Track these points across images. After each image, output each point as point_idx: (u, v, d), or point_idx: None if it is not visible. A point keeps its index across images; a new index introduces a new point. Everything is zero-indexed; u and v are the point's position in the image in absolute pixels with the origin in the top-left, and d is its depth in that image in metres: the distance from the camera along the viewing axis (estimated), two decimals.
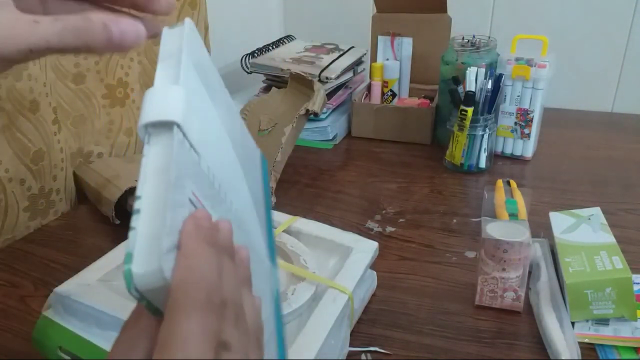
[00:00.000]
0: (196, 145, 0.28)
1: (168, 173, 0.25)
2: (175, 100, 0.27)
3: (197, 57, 0.32)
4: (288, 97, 0.97)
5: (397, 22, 1.10)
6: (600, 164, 0.97)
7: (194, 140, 0.27)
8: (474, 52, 0.95)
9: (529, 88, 0.93)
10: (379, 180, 0.93)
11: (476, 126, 0.91)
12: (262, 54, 1.15)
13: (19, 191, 0.76)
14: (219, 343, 0.25)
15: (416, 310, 0.62)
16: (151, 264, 0.23)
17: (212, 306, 0.24)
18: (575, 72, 1.26)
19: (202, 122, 0.30)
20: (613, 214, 0.78)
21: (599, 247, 0.61)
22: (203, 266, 0.25)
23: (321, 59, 1.12)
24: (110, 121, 0.91)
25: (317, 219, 0.67)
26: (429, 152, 1.03)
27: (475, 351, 0.55)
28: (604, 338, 0.56)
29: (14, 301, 0.65)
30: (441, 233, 0.77)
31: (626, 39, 1.20)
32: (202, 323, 0.24)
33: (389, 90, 1.11)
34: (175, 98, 0.27)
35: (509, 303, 0.60)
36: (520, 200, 0.74)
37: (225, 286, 0.26)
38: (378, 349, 0.56)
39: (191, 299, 0.24)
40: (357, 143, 1.08)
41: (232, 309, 0.26)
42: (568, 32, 1.23)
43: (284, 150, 0.85)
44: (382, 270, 0.66)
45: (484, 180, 0.92)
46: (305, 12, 1.46)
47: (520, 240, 0.57)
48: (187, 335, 0.23)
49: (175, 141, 0.26)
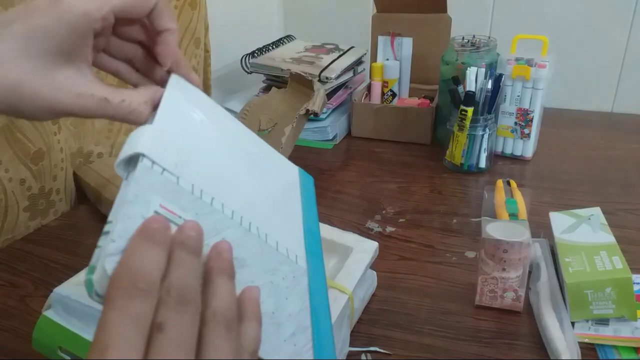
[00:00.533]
0: (172, 169, 0.33)
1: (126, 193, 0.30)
2: (143, 137, 0.33)
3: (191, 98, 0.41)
4: (288, 97, 0.97)
5: (397, 22, 1.10)
6: (600, 164, 0.97)
7: (169, 164, 0.33)
8: (474, 52, 0.95)
9: (529, 88, 0.93)
10: (379, 180, 0.93)
11: (476, 126, 0.91)
12: (262, 54, 1.15)
13: (19, 191, 0.76)
14: (154, 325, 0.26)
15: (416, 310, 0.62)
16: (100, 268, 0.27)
17: (137, 292, 0.26)
18: (575, 72, 1.26)
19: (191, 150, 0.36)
20: (613, 214, 0.78)
21: (599, 247, 0.61)
22: (134, 258, 0.27)
23: (321, 59, 1.12)
24: (110, 121, 0.91)
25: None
26: (429, 152, 1.03)
27: (475, 351, 0.55)
28: (604, 338, 0.56)
29: (14, 301, 0.65)
30: (441, 233, 0.77)
31: (626, 39, 1.20)
32: (123, 308, 0.26)
33: (389, 90, 1.11)
34: (143, 135, 0.33)
35: (509, 303, 0.60)
36: (520, 200, 0.74)
37: (172, 274, 0.28)
38: (378, 349, 0.56)
39: (115, 288, 0.26)
40: (357, 143, 1.08)
41: (175, 294, 0.28)
42: (568, 32, 1.23)
43: (284, 150, 0.86)
44: (382, 270, 0.66)
45: (484, 180, 0.92)
46: (305, 12, 1.46)
47: (520, 240, 0.57)
48: (107, 320, 0.25)
49: (139, 167, 0.31)
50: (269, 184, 0.43)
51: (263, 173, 0.43)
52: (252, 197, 0.40)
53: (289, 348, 0.34)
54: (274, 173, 0.45)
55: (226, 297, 0.30)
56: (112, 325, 0.25)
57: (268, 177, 0.43)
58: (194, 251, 0.30)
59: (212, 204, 0.35)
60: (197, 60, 1.10)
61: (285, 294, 0.37)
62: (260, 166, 0.44)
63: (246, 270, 0.35)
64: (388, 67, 1.10)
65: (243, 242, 0.36)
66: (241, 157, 0.42)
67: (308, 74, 0.99)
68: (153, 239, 0.29)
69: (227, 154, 0.41)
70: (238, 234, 0.36)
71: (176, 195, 0.33)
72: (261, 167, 0.44)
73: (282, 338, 0.35)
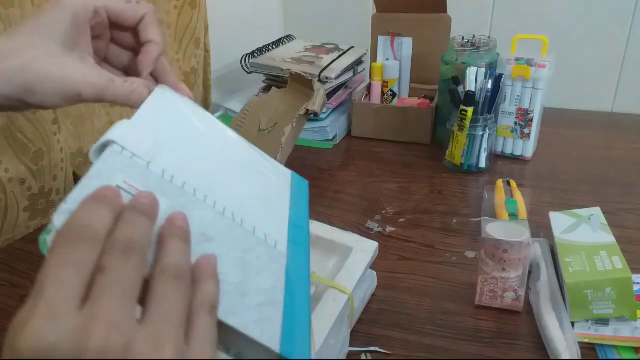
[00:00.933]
0: (143, 155, 0.34)
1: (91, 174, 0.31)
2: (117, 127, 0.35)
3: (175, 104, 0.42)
4: (288, 97, 0.97)
5: (397, 22, 1.10)
6: (600, 164, 0.97)
7: (141, 151, 0.34)
8: (474, 52, 0.95)
9: (529, 88, 0.93)
10: (379, 180, 0.93)
11: (476, 126, 0.91)
12: (262, 54, 1.15)
13: (19, 191, 0.76)
14: (96, 269, 0.27)
15: (416, 310, 0.62)
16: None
17: (80, 241, 0.27)
18: (575, 72, 1.26)
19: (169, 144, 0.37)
20: (613, 214, 0.78)
21: (599, 247, 0.61)
22: (80, 215, 0.28)
23: (321, 59, 1.12)
24: (110, 121, 0.91)
25: (317, 219, 0.67)
26: (429, 152, 1.03)
27: (475, 351, 0.55)
28: (604, 338, 0.56)
29: (14, 301, 0.65)
30: (441, 233, 0.77)
31: (626, 39, 1.20)
32: (64, 253, 0.26)
33: (389, 90, 1.11)
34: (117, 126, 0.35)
35: (509, 303, 0.60)
36: (520, 200, 0.74)
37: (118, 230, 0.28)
38: (378, 349, 0.56)
39: (59, 239, 0.27)
40: (357, 143, 1.08)
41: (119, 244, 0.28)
42: (568, 32, 1.23)
43: (284, 150, 0.85)
44: (382, 270, 0.66)
45: (484, 180, 0.92)
46: (305, 12, 1.46)
47: (520, 240, 0.57)
48: (46, 264, 0.26)
49: (107, 151, 0.33)
50: (254, 182, 0.43)
51: (250, 173, 0.43)
52: (233, 190, 0.40)
53: (252, 315, 0.33)
54: (262, 174, 0.45)
55: (177, 254, 0.30)
56: (51, 268, 0.26)
57: (255, 177, 0.44)
58: (145, 214, 0.30)
59: (183, 188, 0.35)
60: (197, 60, 1.10)
61: (257, 271, 0.36)
62: (248, 168, 0.44)
63: (213, 244, 0.34)
64: (388, 67, 1.10)
65: (214, 223, 0.35)
66: (227, 158, 0.43)
67: (308, 74, 0.99)
68: (103, 201, 0.29)
69: (210, 153, 0.41)
70: (209, 215, 0.35)
71: (143, 176, 0.33)
72: (249, 168, 0.44)
73: (247, 305, 0.33)
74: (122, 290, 0.26)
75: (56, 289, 0.25)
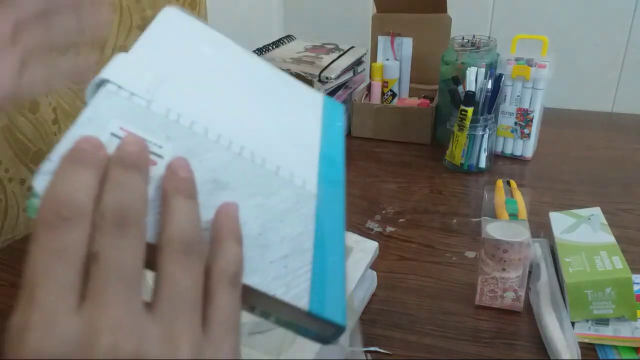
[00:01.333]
0: (143, 94, 0.30)
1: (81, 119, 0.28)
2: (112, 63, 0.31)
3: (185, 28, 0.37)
4: None
5: (397, 22, 1.10)
6: (600, 164, 0.97)
7: (140, 89, 0.30)
8: (474, 52, 0.95)
9: (529, 88, 0.93)
10: (379, 180, 0.93)
11: (476, 126, 0.91)
12: (262, 54, 1.15)
13: (19, 191, 0.76)
14: (89, 256, 0.23)
15: (416, 310, 0.62)
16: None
17: (61, 222, 0.23)
18: (575, 72, 1.26)
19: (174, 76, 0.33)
20: (613, 214, 0.78)
21: (599, 247, 0.61)
22: (58, 184, 0.24)
23: (321, 59, 1.12)
24: None
25: None
26: (429, 152, 1.03)
27: (475, 351, 0.55)
28: (604, 338, 0.56)
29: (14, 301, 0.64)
30: (441, 233, 0.77)
31: (626, 39, 1.20)
32: (47, 242, 0.23)
33: (389, 90, 1.11)
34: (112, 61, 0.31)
35: (509, 303, 0.60)
36: (520, 200, 0.74)
37: (106, 195, 0.24)
38: (378, 349, 0.56)
39: (39, 221, 0.23)
40: (357, 143, 1.08)
41: (110, 216, 0.24)
42: (568, 32, 1.23)
43: None
44: (382, 270, 0.66)
45: (484, 180, 0.92)
46: (305, 12, 1.46)
47: (520, 240, 0.57)
48: (31, 257, 0.23)
49: (100, 92, 0.29)
50: (278, 112, 0.38)
51: (272, 102, 0.39)
52: (252, 125, 0.35)
53: (275, 270, 0.29)
54: (286, 101, 0.40)
55: (183, 218, 0.26)
56: (37, 262, 0.23)
57: (278, 106, 0.39)
58: (134, 167, 0.26)
59: (192, 128, 0.31)
60: None
61: (280, 217, 0.32)
62: (270, 96, 0.39)
63: (226, 193, 0.30)
64: (388, 67, 1.10)
65: (229, 166, 0.31)
66: (245, 87, 0.38)
67: (308, 74, 0.99)
68: (81, 160, 0.25)
69: (225, 84, 0.37)
70: (223, 158, 0.31)
71: (142, 118, 0.29)
72: (271, 96, 0.39)
73: (268, 260, 0.30)
74: (122, 280, 0.23)
75: (48, 289, 0.22)
